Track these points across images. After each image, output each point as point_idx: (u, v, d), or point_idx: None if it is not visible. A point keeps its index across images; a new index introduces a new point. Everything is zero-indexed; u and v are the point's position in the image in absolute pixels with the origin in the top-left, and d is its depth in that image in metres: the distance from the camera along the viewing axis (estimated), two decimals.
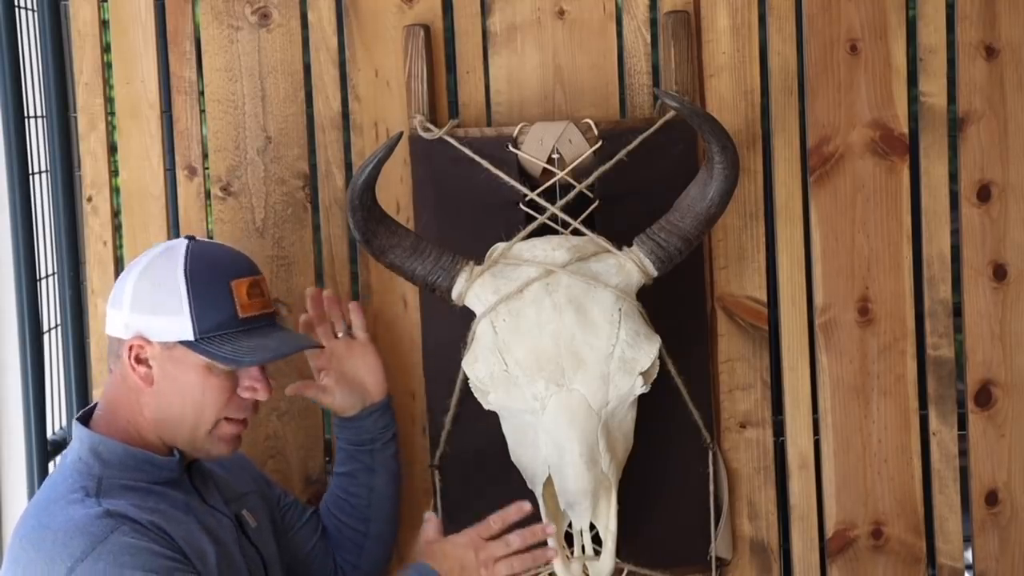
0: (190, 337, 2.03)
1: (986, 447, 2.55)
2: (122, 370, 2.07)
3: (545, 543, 2.11)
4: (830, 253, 2.50)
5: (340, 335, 2.36)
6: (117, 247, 2.51)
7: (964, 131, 2.51)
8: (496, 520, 2.11)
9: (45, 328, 2.64)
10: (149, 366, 2.05)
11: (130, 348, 2.05)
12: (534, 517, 2.17)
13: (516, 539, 2.09)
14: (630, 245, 2.20)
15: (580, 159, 2.36)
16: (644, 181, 2.34)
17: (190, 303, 2.03)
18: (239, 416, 2.09)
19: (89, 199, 2.50)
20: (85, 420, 2.10)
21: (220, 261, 2.11)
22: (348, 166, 2.49)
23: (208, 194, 2.50)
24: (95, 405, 2.14)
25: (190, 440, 2.07)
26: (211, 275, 2.07)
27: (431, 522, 2.19)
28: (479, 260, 2.22)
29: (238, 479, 2.24)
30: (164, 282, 2.05)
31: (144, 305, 2.05)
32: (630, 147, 2.33)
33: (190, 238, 2.13)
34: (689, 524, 2.44)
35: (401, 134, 2.21)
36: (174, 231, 2.50)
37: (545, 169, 2.36)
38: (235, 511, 2.16)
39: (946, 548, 2.54)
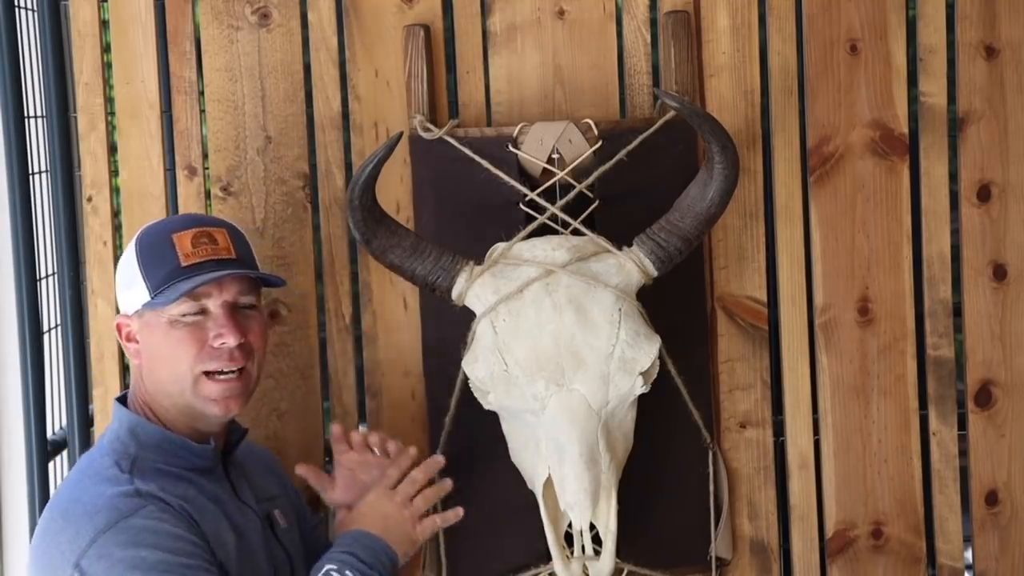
0: (147, 298, 2.08)
1: (986, 447, 2.55)
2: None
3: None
4: (830, 253, 2.50)
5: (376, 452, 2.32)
6: (117, 247, 2.51)
7: (964, 131, 2.51)
8: (392, 468, 2.19)
9: (45, 328, 2.65)
10: (137, 341, 2.11)
11: (118, 328, 2.14)
12: (535, 517, 2.17)
13: (419, 474, 2.18)
14: (630, 245, 2.20)
15: (580, 159, 2.36)
16: (644, 181, 2.34)
17: (140, 267, 2.09)
18: (215, 367, 2.07)
19: (89, 199, 2.50)
20: (123, 402, 2.15)
21: (167, 223, 2.19)
22: (348, 166, 2.49)
23: (208, 194, 2.50)
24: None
25: (183, 405, 2.08)
26: (154, 236, 2.12)
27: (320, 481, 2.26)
28: (479, 260, 2.21)
29: (273, 481, 2.27)
30: (124, 260, 2.14)
31: (118, 287, 2.14)
32: (630, 147, 2.33)
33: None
34: (689, 524, 2.44)
35: (401, 134, 2.21)
36: None
37: (545, 169, 2.36)
38: (267, 509, 2.18)
39: (946, 548, 2.54)
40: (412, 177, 2.44)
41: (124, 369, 2.52)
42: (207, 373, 2.07)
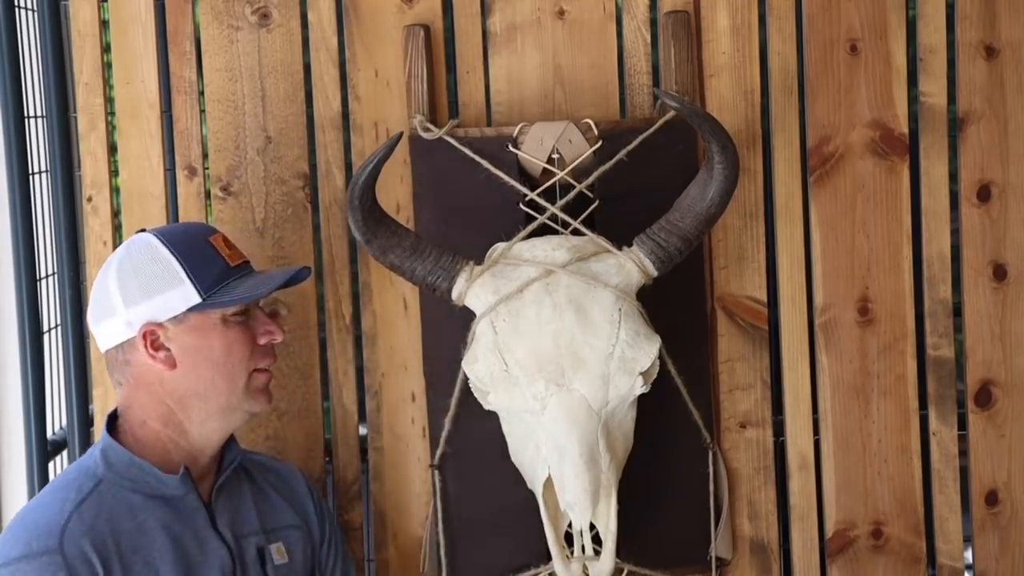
0: (197, 300, 2.09)
1: (986, 447, 2.55)
2: (134, 372, 2.12)
3: None
4: (830, 253, 2.50)
5: None
6: (117, 247, 2.51)
7: (964, 131, 2.51)
8: None
9: (45, 328, 2.65)
10: (167, 348, 2.10)
11: (144, 337, 2.09)
12: (534, 517, 2.17)
13: None
14: (630, 245, 2.20)
15: (580, 159, 2.36)
16: (644, 181, 2.34)
17: (185, 269, 2.09)
18: (266, 364, 2.16)
19: (89, 199, 2.50)
20: (113, 420, 2.15)
21: (189, 228, 2.23)
22: (348, 166, 2.49)
23: (208, 194, 2.50)
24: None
25: (227, 405, 2.12)
26: (190, 239, 2.14)
27: None
28: (479, 260, 2.21)
29: (286, 510, 2.25)
30: (149, 265, 2.11)
31: (139, 295, 2.10)
32: (630, 147, 2.33)
33: (142, 231, 2.19)
34: (689, 524, 2.44)
35: (401, 134, 2.21)
36: None
37: (545, 169, 2.36)
38: (260, 543, 2.17)
39: (946, 548, 2.54)
40: (412, 177, 2.44)
41: None
42: (256, 369, 2.14)
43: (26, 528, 2.01)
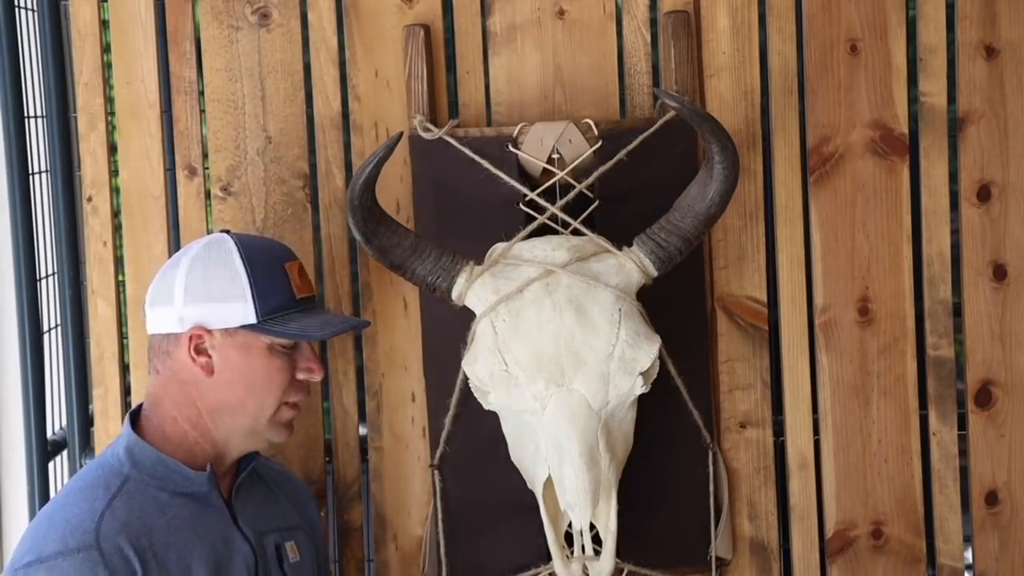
0: (253, 320, 2.09)
1: (986, 447, 2.54)
2: (173, 366, 2.12)
3: None
4: (830, 253, 2.50)
5: None
6: (117, 247, 2.51)
7: (964, 131, 2.51)
8: None
9: (45, 328, 2.65)
10: (209, 356, 2.11)
11: (190, 339, 2.10)
12: (535, 517, 2.17)
13: None
14: (630, 245, 2.21)
15: (580, 159, 2.36)
16: (644, 181, 2.34)
17: (252, 287, 2.10)
18: (297, 399, 2.15)
19: (89, 199, 2.50)
20: (136, 415, 2.15)
21: (271, 247, 2.21)
22: (348, 166, 2.49)
23: (208, 194, 2.50)
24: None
25: (250, 428, 2.12)
26: (266, 260, 2.15)
27: None
28: (479, 260, 2.22)
29: (293, 511, 2.27)
30: (220, 271, 2.12)
31: (201, 295, 2.11)
32: (630, 147, 2.33)
33: (226, 231, 2.21)
34: (689, 524, 2.44)
35: (401, 134, 2.21)
36: (174, 231, 2.50)
37: (545, 169, 2.36)
38: (276, 541, 2.19)
39: (946, 548, 2.54)
40: (412, 177, 2.44)
41: (124, 369, 2.53)
42: (286, 402, 2.14)
43: (57, 526, 1.99)
